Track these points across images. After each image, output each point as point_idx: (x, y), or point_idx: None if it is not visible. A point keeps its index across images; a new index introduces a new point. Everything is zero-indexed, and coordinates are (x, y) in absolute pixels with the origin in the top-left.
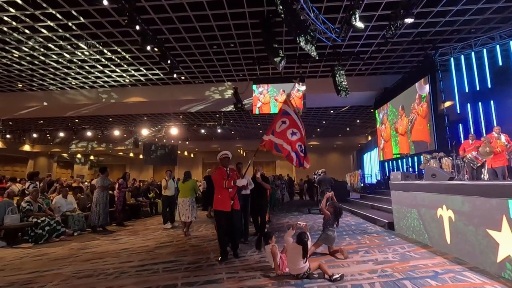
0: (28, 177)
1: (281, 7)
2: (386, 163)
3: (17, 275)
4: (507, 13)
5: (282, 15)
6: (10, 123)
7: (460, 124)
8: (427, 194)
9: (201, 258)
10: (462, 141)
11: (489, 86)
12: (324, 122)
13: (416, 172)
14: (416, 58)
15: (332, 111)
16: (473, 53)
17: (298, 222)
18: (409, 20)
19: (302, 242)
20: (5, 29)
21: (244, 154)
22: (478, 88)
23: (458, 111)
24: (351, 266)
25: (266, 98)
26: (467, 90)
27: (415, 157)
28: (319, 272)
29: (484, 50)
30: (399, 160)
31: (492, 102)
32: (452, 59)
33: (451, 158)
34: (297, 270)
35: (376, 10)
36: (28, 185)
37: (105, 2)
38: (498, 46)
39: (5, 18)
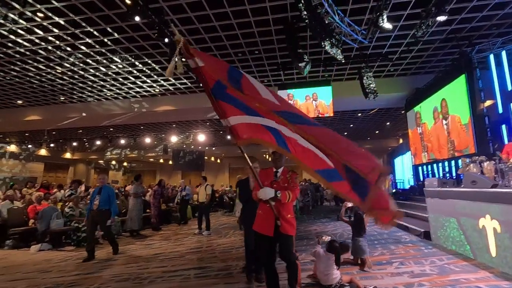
0: (70, 184)
1: (305, 12)
2: (419, 168)
3: (63, 277)
4: None
5: (306, 21)
6: (54, 133)
7: (504, 125)
8: (468, 202)
9: (230, 265)
10: (506, 143)
11: None
12: (351, 125)
13: (454, 178)
14: (450, 56)
15: (360, 114)
16: None
17: (323, 237)
18: (441, 18)
19: (333, 250)
20: (49, 47)
21: (270, 159)
22: None
23: (500, 111)
24: (385, 278)
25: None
26: (510, 88)
27: (452, 161)
28: (351, 284)
29: None
30: (434, 165)
31: None
32: (491, 55)
33: (494, 162)
34: (329, 281)
35: (405, 9)
36: (67, 191)
37: (137, 18)
38: None
39: (50, 38)
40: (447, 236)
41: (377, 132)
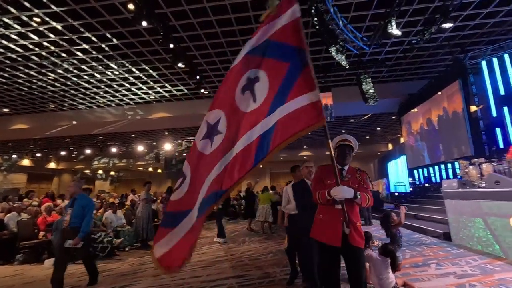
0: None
1: (316, 18)
2: (415, 171)
3: None
4: None
5: (317, 27)
6: (40, 142)
7: (498, 129)
8: (495, 202)
9: (268, 273)
10: (502, 146)
11: None
12: (343, 131)
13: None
14: (443, 62)
15: (352, 120)
16: (506, 55)
17: (373, 241)
18: (448, 25)
19: (389, 253)
20: (43, 53)
21: (261, 166)
22: None
23: (494, 115)
24: (432, 280)
25: None
26: (502, 93)
27: (449, 164)
28: (406, 287)
29: None
30: (430, 168)
31: None
32: (483, 62)
33: (493, 164)
34: (385, 285)
35: (403, 17)
36: None
37: (144, 23)
38: None
39: (45, 43)
40: (471, 236)
41: (367, 137)
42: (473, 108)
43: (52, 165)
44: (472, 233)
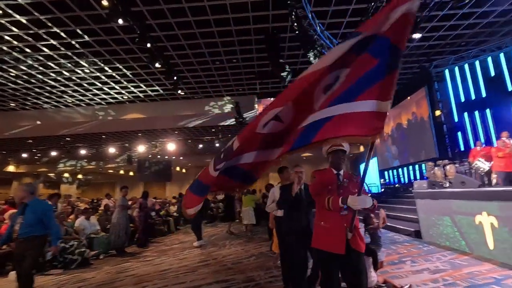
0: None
1: (296, 24)
2: (385, 172)
3: None
4: (495, 27)
5: (297, 31)
6: None
7: (459, 132)
8: (462, 201)
9: (252, 276)
10: (462, 149)
11: (484, 95)
12: None
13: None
14: (410, 70)
15: None
16: (466, 65)
17: None
18: (417, 35)
19: (371, 253)
20: (4, 48)
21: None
22: (473, 98)
23: (456, 120)
24: (409, 276)
25: None
26: (463, 100)
27: (416, 165)
28: (387, 284)
29: (477, 62)
30: (399, 169)
31: (488, 110)
32: (447, 70)
33: (456, 166)
34: (367, 284)
35: None
36: None
37: (120, 21)
38: (489, 58)
39: (6, 37)
40: (440, 233)
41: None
42: (438, 113)
43: (10, 168)
44: (441, 231)
